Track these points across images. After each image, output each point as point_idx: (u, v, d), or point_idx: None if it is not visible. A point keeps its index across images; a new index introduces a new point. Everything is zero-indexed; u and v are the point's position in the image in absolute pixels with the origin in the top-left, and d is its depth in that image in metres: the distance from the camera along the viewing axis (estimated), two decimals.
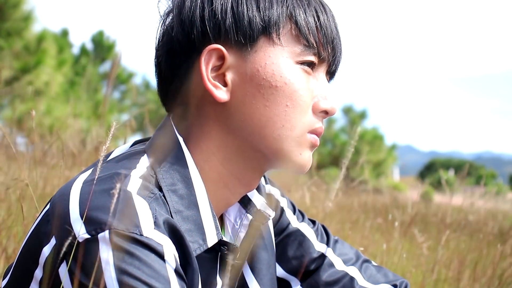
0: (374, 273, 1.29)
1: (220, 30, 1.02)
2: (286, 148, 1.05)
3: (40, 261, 0.91)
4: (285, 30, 1.03)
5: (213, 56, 1.03)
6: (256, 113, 1.03)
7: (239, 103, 1.04)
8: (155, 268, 0.84)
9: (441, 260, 2.97)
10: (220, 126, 1.06)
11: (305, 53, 1.04)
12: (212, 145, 1.06)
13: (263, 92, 1.03)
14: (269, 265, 1.21)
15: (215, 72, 1.04)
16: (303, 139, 1.06)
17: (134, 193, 0.91)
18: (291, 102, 1.03)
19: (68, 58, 16.90)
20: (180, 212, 0.99)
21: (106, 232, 0.84)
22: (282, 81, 1.02)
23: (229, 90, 1.04)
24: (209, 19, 1.02)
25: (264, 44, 1.03)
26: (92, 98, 21.38)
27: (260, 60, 1.03)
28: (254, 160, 1.08)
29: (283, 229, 1.30)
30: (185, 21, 1.04)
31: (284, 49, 1.03)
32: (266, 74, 1.02)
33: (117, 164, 1.01)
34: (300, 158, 1.07)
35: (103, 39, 26.61)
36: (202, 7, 1.03)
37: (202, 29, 1.03)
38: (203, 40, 1.03)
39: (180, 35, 1.04)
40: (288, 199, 1.36)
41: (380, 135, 26.20)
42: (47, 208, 0.97)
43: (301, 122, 1.05)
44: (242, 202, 1.17)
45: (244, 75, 1.03)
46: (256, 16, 1.02)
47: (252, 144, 1.05)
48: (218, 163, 1.07)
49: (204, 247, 1.00)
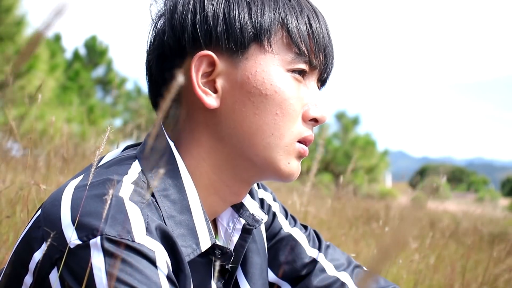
0: None
1: (212, 36, 1.02)
2: (274, 156, 1.05)
3: (30, 267, 0.90)
4: (276, 37, 1.03)
5: (203, 62, 1.03)
6: (246, 121, 1.03)
7: (229, 110, 1.04)
8: (147, 275, 0.84)
9: (433, 266, 2.97)
10: (210, 133, 1.06)
11: (296, 61, 1.04)
12: (203, 151, 1.06)
13: (253, 100, 1.02)
14: (261, 270, 1.21)
15: (206, 78, 1.04)
16: (292, 148, 1.06)
17: (126, 199, 0.90)
18: (281, 110, 1.03)
19: (60, 63, 16.86)
20: (173, 217, 0.99)
21: (97, 238, 0.84)
22: (272, 89, 1.02)
23: (219, 96, 1.04)
24: (200, 25, 1.02)
25: (255, 51, 1.03)
26: (85, 103, 21.32)
27: (251, 68, 1.02)
28: (243, 169, 1.07)
29: (275, 234, 1.30)
30: (177, 26, 1.04)
31: (275, 56, 1.03)
32: (257, 82, 1.02)
33: (109, 170, 1.00)
34: (288, 167, 1.07)
35: (96, 44, 26.55)
36: (194, 12, 1.03)
37: (193, 34, 1.03)
38: (194, 46, 1.03)
39: (171, 40, 1.04)
40: (281, 204, 1.36)
41: (372, 141, 26.23)
42: (38, 213, 0.96)
43: (290, 130, 1.05)
44: (234, 207, 1.16)
45: (235, 82, 1.03)
46: (248, 23, 1.02)
47: (241, 152, 1.05)
48: (208, 169, 1.07)
49: (197, 251, 0.99)
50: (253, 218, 1.15)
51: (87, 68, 25.28)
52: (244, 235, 1.15)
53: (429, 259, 3.10)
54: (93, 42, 26.53)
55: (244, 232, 1.15)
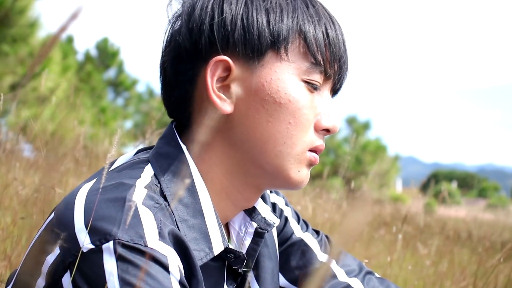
0: (376, 285, 1.29)
1: (229, 41, 1.02)
2: (285, 164, 1.05)
3: (43, 270, 0.90)
4: (293, 45, 1.03)
5: (219, 67, 1.02)
6: (259, 128, 1.03)
7: (242, 116, 1.03)
8: (159, 280, 0.84)
9: (443, 272, 2.96)
10: (223, 138, 1.05)
11: (311, 70, 1.03)
12: (214, 156, 1.06)
13: (267, 108, 1.02)
14: (273, 274, 1.21)
15: (220, 83, 1.03)
16: (303, 156, 1.06)
17: (139, 203, 0.90)
18: (294, 119, 1.03)
19: (72, 65, 16.95)
20: (185, 220, 0.99)
21: (110, 242, 0.84)
22: (286, 98, 1.02)
23: (233, 102, 1.03)
24: (218, 29, 1.02)
25: (271, 58, 1.02)
26: (96, 105, 21.41)
27: (266, 75, 1.02)
28: (254, 177, 1.07)
29: (286, 238, 1.30)
30: (194, 29, 1.03)
31: (290, 65, 1.02)
32: (271, 90, 1.02)
33: (122, 174, 1.00)
34: (298, 175, 1.07)
35: (108, 46, 26.68)
36: (212, 16, 1.02)
37: (210, 38, 1.02)
38: (210, 50, 1.03)
39: (188, 43, 1.04)
40: (293, 209, 1.35)
41: (383, 146, 26.18)
42: (51, 217, 0.97)
43: (302, 140, 1.04)
44: (246, 210, 1.16)
45: (249, 89, 1.03)
46: (266, 30, 1.01)
47: (253, 158, 1.05)
48: (220, 174, 1.06)
49: (210, 255, 0.99)
50: (265, 222, 1.15)
51: (98, 70, 25.39)
52: (256, 238, 1.14)
53: (439, 265, 3.09)
54: (104, 44, 26.67)
55: (256, 236, 1.14)
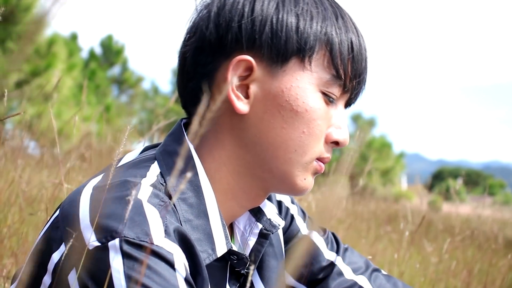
0: (383, 283, 1.28)
1: (255, 42, 1.01)
2: (293, 171, 1.05)
3: (49, 268, 0.90)
4: (318, 56, 1.02)
5: (241, 65, 1.01)
6: (272, 133, 1.02)
7: (257, 119, 1.03)
8: (165, 277, 0.84)
9: (449, 270, 2.95)
10: (234, 138, 1.05)
11: (331, 83, 1.03)
12: (224, 155, 1.06)
13: (283, 114, 1.02)
14: (279, 273, 1.20)
15: (240, 81, 1.03)
16: (310, 165, 1.06)
17: (145, 201, 0.90)
18: (308, 129, 1.03)
19: (77, 62, 16.98)
20: (189, 221, 0.99)
21: (116, 240, 0.84)
22: (303, 107, 1.01)
23: (249, 102, 1.03)
24: (246, 28, 1.01)
25: (294, 66, 1.01)
26: (101, 102, 21.44)
27: (287, 82, 1.01)
28: (260, 180, 1.07)
29: (292, 236, 1.29)
30: (222, 24, 1.02)
31: (312, 75, 1.02)
32: (290, 97, 1.01)
33: (128, 171, 1.00)
34: (304, 183, 1.07)
35: (112, 43, 26.70)
36: (242, 14, 1.01)
37: (237, 36, 1.01)
38: (235, 47, 1.02)
39: (213, 36, 1.03)
40: (299, 206, 1.35)
41: (388, 143, 26.15)
42: (57, 214, 0.97)
43: (313, 149, 1.04)
44: (252, 211, 1.16)
45: (268, 92, 1.02)
46: (294, 36, 1.00)
47: (262, 162, 1.05)
48: (228, 174, 1.06)
49: (213, 256, 0.99)
50: (270, 223, 1.15)
51: (103, 67, 25.43)
52: (260, 239, 1.14)
53: (445, 262, 3.08)
54: (109, 41, 26.70)
55: (260, 237, 1.14)
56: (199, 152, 1.06)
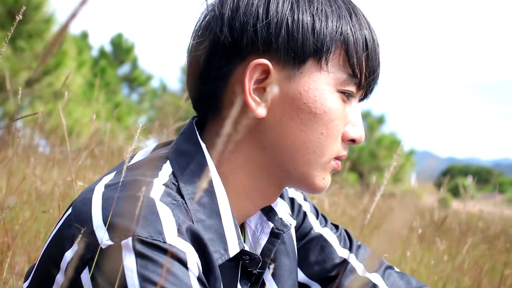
0: (397, 280, 1.28)
1: (271, 45, 0.99)
2: (312, 172, 1.05)
3: (62, 266, 0.90)
4: (334, 56, 1.01)
5: (258, 69, 1.00)
6: (291, 135, 1.02)
7: (275, 122, 1.02)
8: (178, 276, 0.84)
9: (460, 268, 2.94)
10: (251, 140, 1.04)
11: (347, 82, 1.02)
12: (240, 157, 1.05)
13: (302, 117, 1.01)
14: (290, 271, 1.20)
15: (257, 85, 1.02)
16: (329, 165, 1.06)
17: (157, 200, 0.90)
18: (327, 130, 1.02)
19: (87, 60, 17.03)
20: (202, 221, 0.98)
21: (129, 239, 0.84)
22: (322, 108, 1.01)
23: (267, 106, 1.02)
24: (261, 32, 0.99)
25: (311, 67, 1.00)
26: (111, 100, 21.50)
27: (305, 84, 1.00)
28: (278, 178, 1.07)
29: (305, 234, 1.29)
30: (236, 27, 1.00)
31: (329, 75, 1.01)
32: (308, 99, 1.00)
33: (139, 170, 1.00)
34: (322, 182, 1.07)
35: (122, 41, 26.76)
36: (257, 17, 1.00)
37: (252, 39, 1.00)
38: (250, 50, 1.00)
39: (228, 40, 1.01)
40: (311, 203, 1.34)
41: (398, 140, 26.05)
42: (69, 212, 0.96)
43: (331, 150, 1.04)
44: (263, 210, 1.16)
45: (286, 95, 1.01)
46: (310, 38, 0.99)
47: (280, 163, 1.04)
48: (243, 175, 1.06)
49: (226, 257, 0.99)
50: (282, 223, 1.15)
51: (113, 65, 25.49)
52: (272, 239, 1.14)
53: (456, 260, 3.07)
54: (119, 40, 26.75)
55: (272, 236, 1.14)
56: (214, 155, 1.05)
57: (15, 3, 12.40)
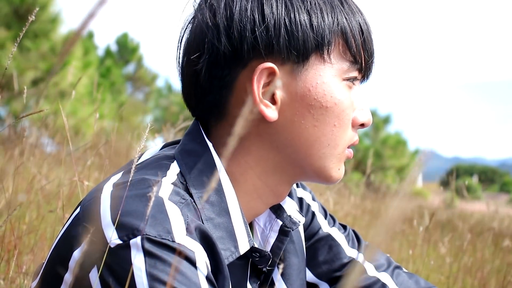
0: (405, 280, 1.28)
1: (273, 47, 0.99)
2: (328, 165, 1.05)
3: (70, 265, 0.90)
4: (334, 47, 1.02)
5: (264, 73, 1.00)
6: (304, 133, 1.02)
7: (287, 122, 1.02)
8: (187, 275, 0.84)
9: (465, 268, 2.94)
10: (262, 143, 1.04)
11: (351, 69, 1.03)
12: (251, 159, 1.05)
13: (313, 113, 1.01)
14: (299, 271, 1.20)
15: (263, 88, 1.01)
16: (343, 155, 1.07)
17: (166, 199, 0.90)
18: (339, 121, 1.03)
19: (93, 60, 17.04)
20: (211, 219, 0.98)
21: (138, 238, 0.84)
22: (332, 101, 1.01)
23: (277, 108, 1.02)
24: (261, 35, 0.99)
25: (315, 62, 1.01)
26: (116, 100, 21.52)
27: (311, 80, 1.01)
28: (291, 174, 1.07)
29: (313, 233, 1.29)
30: (235, 35, 1.00)
31: (333, 67, 1.02)
32: (317, 95, 1.01)
33: (147, 169, 1.00)
34: (338, 173, 1.08)
35: (127, 41, 26.79)
36: (254, 22, 0.99)
37: (253, 45, 0.99)
38: (252, 55, 1.00)
39: (227, 49, 1.00)
40: (320, 204, 1.34)
41: (403, 140, 25.98)
42: (77, 211, 0.97)
43: (343, 139, 1.05)
44: (272, 207, 1.16)
45: (295, 94, 1.01)
46: (310, 33, 1.00)
47: (294, 161, 1.05)
48: (254, 176, 1.06)
49: (236, 254, 0.99)
50: (291, 220, 1.15)
51: (118, 65, 25.52)
52: (281, 236, 1.14)
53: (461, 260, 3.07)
54: (124, 39, 26.78)
55: (281, 234, 1.14)
56: (221, 154, 1.04)
57: (21, 3, 12.43)
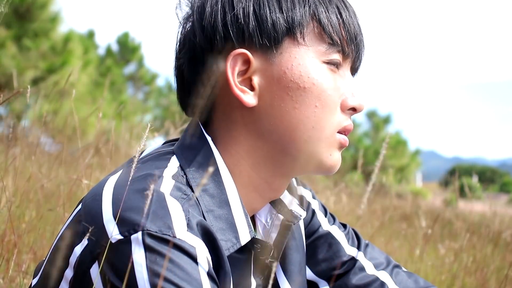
0: (405, 279, 1.28)
1: (244, 34, 1.02)
2: (316, 149, 1.05)
3: (71, 261, 0.91)
4: (308, 29, 1.03)
5: (238, 60, 1.02)
6: (286, 116, 1.03)
7: (267, 107, 1.03)
8: (187, 271, 0.84)
9: (465, 268, 2.94)
10: (249, 131, 1.05)
11: (330, 51, 1.04)
12: (242, 150, 1.06)
13: (292, 94, 1.02)
14: (300, 267, 1.21)
15: (241, 76, 1.04)
16: (333, 139, 1.06)
17: (167, 194, 0.91)
18: (320, 102, 1.03)
19: (93, 59, 17.04)
20: (212, 211, 0.99)
21: (139, 233, 0.85)
22: (310, 81, 1.02)
23: (256, 94, 1.03)
24: (231, 24, 1.02)
25: (289, 45, 1.02)
26: (116, 99, 21.52)
27: (286, 62, 1.02)
28: (284, 165, 1.07)
29: (313, 231, 1.29)
30: (207, 27, 1.03)
31: (309, 49, 1.03)
32: (294, 76, 1.02)
33: (148, 165, 1.01)
34: (330, 159, 1.07)
35: (128, 40, 26.77)
36: (224, 12, 1.03)
37: (224, 34, 1.02)
38: (226, 45, 1.03)
39: (202, 42, 1.04)
40: (320, 202, 1.35)
41: (403, 140, 25.97)
42: (79, 208, 0.98)
43: (330, 122, 1.05)
44: (272, 203, 1.16)
45: (271, 78, 1.03)
46: (280, 17, 1.01)
47: (282, 148, 1.05)
48: (248, 167, 1.06)
49: (237, 245, 1.00)
50: (292, 214, 1.15)
51: (119, 64, 25.50)
52: (283, 231, 1.14)
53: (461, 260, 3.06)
54: (125, 39, 26.76)
55: (282, 228, 1.14)
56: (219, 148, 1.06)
57: (20, 2, 12.43)
